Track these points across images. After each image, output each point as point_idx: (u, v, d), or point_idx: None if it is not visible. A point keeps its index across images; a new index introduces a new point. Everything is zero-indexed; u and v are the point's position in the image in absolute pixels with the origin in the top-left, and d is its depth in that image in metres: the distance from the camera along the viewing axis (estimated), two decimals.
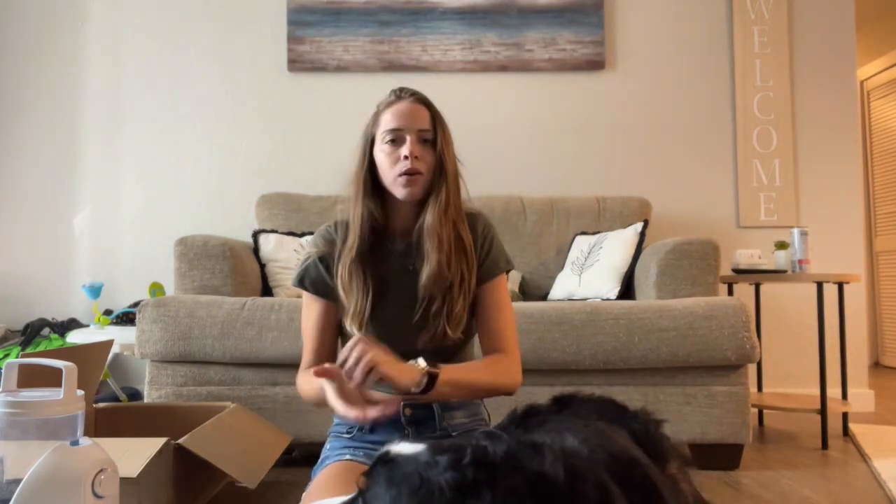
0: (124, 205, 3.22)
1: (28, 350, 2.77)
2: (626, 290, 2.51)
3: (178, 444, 1.36)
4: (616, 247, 2.59)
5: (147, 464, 1.21)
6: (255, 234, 2.68)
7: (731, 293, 2.78)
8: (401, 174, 1.25)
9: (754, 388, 2.78)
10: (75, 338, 2.65)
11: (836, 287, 2.63)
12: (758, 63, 3.28)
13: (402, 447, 0.74)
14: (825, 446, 2.37)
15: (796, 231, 2.61)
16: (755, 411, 2.81)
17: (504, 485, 0.66)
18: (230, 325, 2.03)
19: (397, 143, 1.26)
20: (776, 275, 2.58)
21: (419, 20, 3.23)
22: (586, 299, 2.49)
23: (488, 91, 3.26)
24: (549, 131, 3.26)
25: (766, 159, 3.25)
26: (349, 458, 1.24)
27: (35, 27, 3.25)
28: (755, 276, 2.62)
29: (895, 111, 4.60)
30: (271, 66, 3.25)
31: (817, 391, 2.43)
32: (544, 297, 2.71)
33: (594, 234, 2.78)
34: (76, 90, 3.24)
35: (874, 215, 4.81)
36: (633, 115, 3.27)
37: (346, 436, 1.30)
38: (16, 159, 3.22)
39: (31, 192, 3.21)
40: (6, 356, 2.74)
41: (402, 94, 1.31)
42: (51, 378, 0.98)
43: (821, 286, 2.44)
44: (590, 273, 2.57)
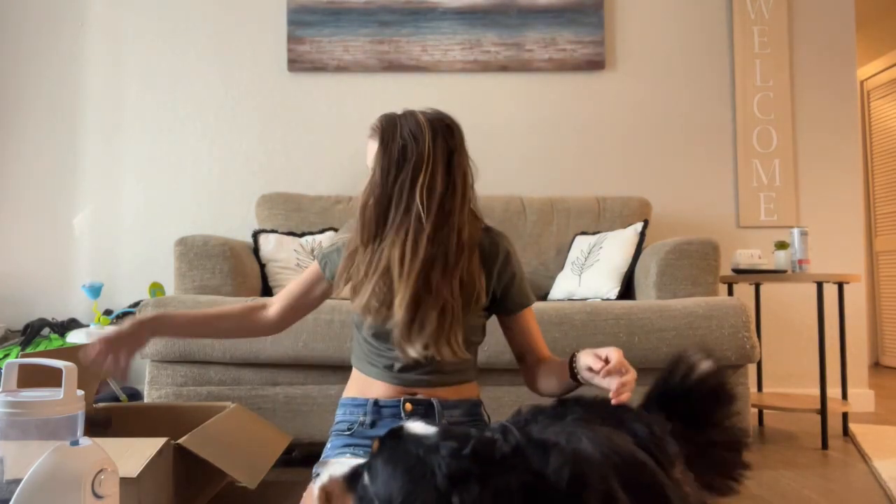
0: (124, 205, 3.22)
1: (28, 350, 2.77)
2: (626, 290, 2.51)
3: (178, 444, 1.36)
4: (616, 247, 2.59)
5: (147, 464, 1.21)
6: (255, 234, 2.69)
7: (731, 293, 2.78)
8: None
9: (754, 388, 2.78)
10: (75, 338, 2.65)
11: (836, 287, 2.62)
12: (758, 63, 3.28)
13: (416, 426, 0.75)
14: (825, 446, 2.37)
15: (796, 231, 2.61)
16: (755, 411, 2.81)
17: (496, 481, 0.66)
18: None
19: None
20: (776, 275, 2.58)
21: (419, 20, 3.23)
22: (586, 299, 2.49)
23: (488, 91, 3.26)
24: (549, 131, 3.25)
25: (766, 159, 3.25)
26: (349, 456, 1.24)
27: (35, 27, 3.25)
28: (755, 276, 2.62)
29: (895, 111, 4.60)
30: (271, 66, 3.25)
31: (817, 391, 2.43)
32: (544, 297, 2.71)
33: (594, 234, 2.78)
34: (76, 90, 3.24)
35: (874, 215, 4.81)
36: (634, 115, 3.27)
37: (347, 433, 1.31)
38: (16, 159, 3.21)
39: (31, 192, 3.21)
40: (6, 356, 2.74)
41: None
42: (51, 378, 0.98)
43: (821, 286, 2.44)
44: (590, 273, 2.57)
